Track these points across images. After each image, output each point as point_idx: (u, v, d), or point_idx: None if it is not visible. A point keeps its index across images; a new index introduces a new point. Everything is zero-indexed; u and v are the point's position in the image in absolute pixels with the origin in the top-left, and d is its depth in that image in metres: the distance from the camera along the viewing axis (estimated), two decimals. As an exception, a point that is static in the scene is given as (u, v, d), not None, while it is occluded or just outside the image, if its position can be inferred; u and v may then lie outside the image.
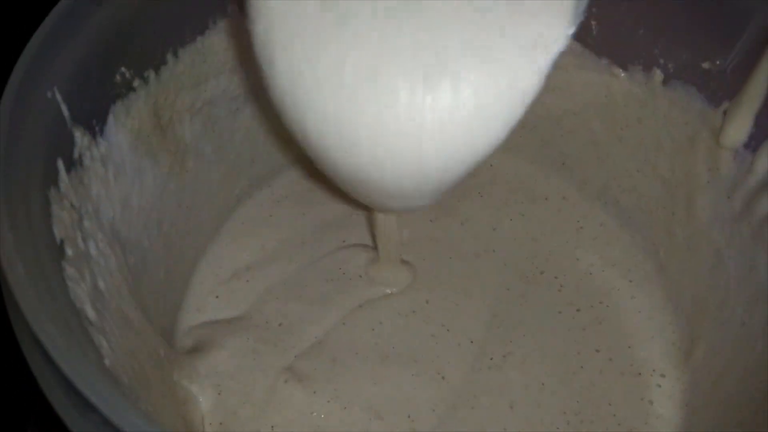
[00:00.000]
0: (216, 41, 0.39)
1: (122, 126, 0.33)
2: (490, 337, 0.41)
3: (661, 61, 0.40)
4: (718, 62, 0.38)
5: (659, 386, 0.40)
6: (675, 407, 0.39)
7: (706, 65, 0.38)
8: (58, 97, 0.28)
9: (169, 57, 0.37)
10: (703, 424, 0.38)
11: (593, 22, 0.42)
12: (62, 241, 0.26)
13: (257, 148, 0.46)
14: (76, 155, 0.29)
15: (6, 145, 0.24)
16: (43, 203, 0.26)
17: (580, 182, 0.49)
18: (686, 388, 0.40)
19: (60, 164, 0.28)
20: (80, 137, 0.30)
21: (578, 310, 0.43)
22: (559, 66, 0.44)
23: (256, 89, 0.43)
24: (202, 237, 0.44)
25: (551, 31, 0.26)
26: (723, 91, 0.38)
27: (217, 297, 0.42)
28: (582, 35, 0.43)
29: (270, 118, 0.45)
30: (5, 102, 0.26)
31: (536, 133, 0.49)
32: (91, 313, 0.25)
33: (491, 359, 0.40)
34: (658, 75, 0.41)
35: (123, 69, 0.33)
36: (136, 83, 0.34)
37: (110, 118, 0.33)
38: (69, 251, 0.26)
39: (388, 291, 0.43)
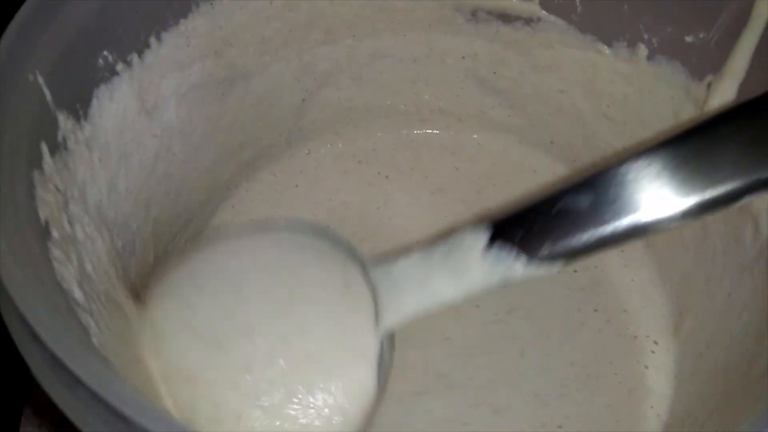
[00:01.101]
0: (200, 24, 0.39)
1: (106, 110, 0.33)
2: (491, 298, 0.41)
3: (646, 36, 0.40)
4: (701, 35, 0.38)
5: (653, 352, 0.41)
6: (666, 377, 0.40)
7: (689, 39, 0.38)
8: (40, 80, 0.28)
9: (153, 40, 0.36)
10: (690, 394, 0.38)
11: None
12: (47, 223, 0.26)
13: (245, 134, 0.46)
14: (60, 138, 0.29)
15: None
16: (28, 186, 0.26)
17: (569, 160, 0.49)
18: (676, 360, 0.40)
19: (44, 147, 0.28)
20: (64, 120, 0.30)
21: (575, 272, 0.43)
22: (544, 44, 0.45)
23: (243, 73, 0.43)
24: (192, 223, 0.44)
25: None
26: (707, 64, 0.38)
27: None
28: (566, 12, 0.43)
29: (258, 103, 0.45)
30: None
31: (523, 112, 0.49)
32: (78, 294, 0.25)
33: (496, 315, 0.41)
34: (642, 50, 0.41)
35: (105, 52, 0.33)
36: (119, 67, 0.34)
37: (94, 102, 0.32)
38: (54, 233, 0.26)
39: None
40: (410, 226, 0.46)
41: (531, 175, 0.49)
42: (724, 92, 0.37)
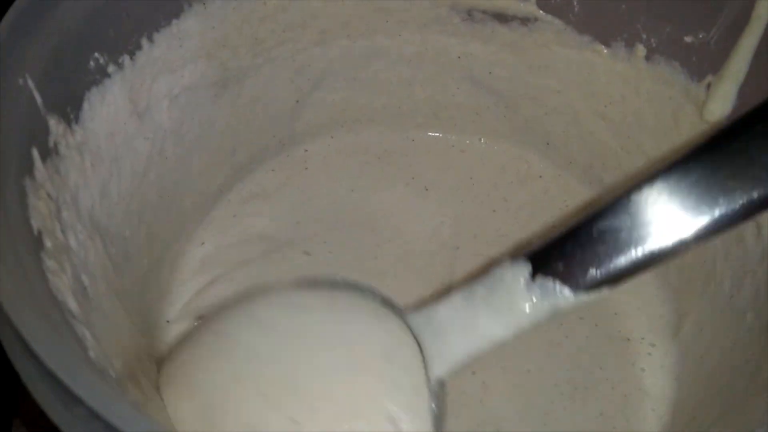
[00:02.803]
0: (192, 25, 0.38)
1: (98, 113, 0.32)
2: None
3: (644, 36, 0.40)
4: (701, 36, 0.38)
5: (650, 354, 0.40)
6: (666, 378, 0.39)
7: (689, 39, 0.38)
8: (31, 84, 0.27)
9: (144, 42, 0.36)
10: (692, 396, 0.38)
11: (575, -1, 0.42)
12: (40, 232, 0.25)
13: (239, 136, 0.45)
14: (51, 143, 0.29)
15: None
16: (19, 193, 0.25)
17: (565, 161, 0.48)
18: (676, 361, 0.40)
19: (35, 153, 0.27)
20: (55, 125, 0.29)
21: None
22: (541, 44, 0.45)
23: (236, 74, 0.42)
24: (186, 227, 0.43)
25: None
26: (706, 64, 0.38)
27: (201, 289, 0.42)
28: (563, 12, 0.42)
29: (251, 105, 0.45)
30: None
31: (519, 113, 0.49)
32: (73, 305, 0.24)
33: None
34: (640, 50, 0.41)
35: (97, 55, 0.32)
36: (110, 69, 0.33)
37: (85, 105, 0.32)
38: (48, 242, 0.25)
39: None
40: (405, 225, 0.46)
41: (526, 175, 0.49)
42: (724, 94, 0.37)
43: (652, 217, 0.27)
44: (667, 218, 0.27)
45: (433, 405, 0.30)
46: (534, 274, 0.29)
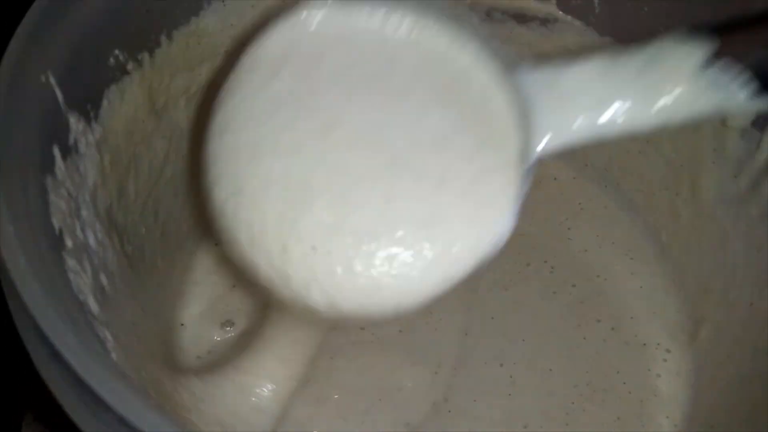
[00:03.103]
0: (211, 23, 0.38)
1: (117, 111, 0.32)
2: (487, 328, 0.41)
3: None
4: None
5: (665, 360, 0.40)
6: (682, 386, 0.39)
7: (712, 43, 0.38)
8: (52, 81, 0.27)
9: (163, 39, 0.35)
10: (708, 405, 0.38)
11: (595, 0, 0.41)
12: (61, 231, 0.25)
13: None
14: (71, 141, 0.28)
15: (1, 131, 0.23)
16: (41, 192, 0.24)
17: (581, 164, 0.48)
18: (692, 368, 0.39)
19: (56, 151, 0.27)
20: (75, 123, 0.29)
21: (574, 286, 0.43)
22: (560, 45, 0.44)
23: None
24: (199, 227, 0.43)
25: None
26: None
27: (217, 297, 0.41)
28: (584, 13, 0.42)
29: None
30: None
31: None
32: (94, 306, 0.24)
33: (486, 344, 0.40)
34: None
35: (117, 51, 0.32)
36: (130, 66, 0.33)
37: (104, 103, 0.31)
38: (68, 242, 0.25)
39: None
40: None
41: (541, 176, 0.48)
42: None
43: None
44: None
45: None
46: (717, 56, 0.22)
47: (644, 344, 0.41)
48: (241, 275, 0.41)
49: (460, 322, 0.40)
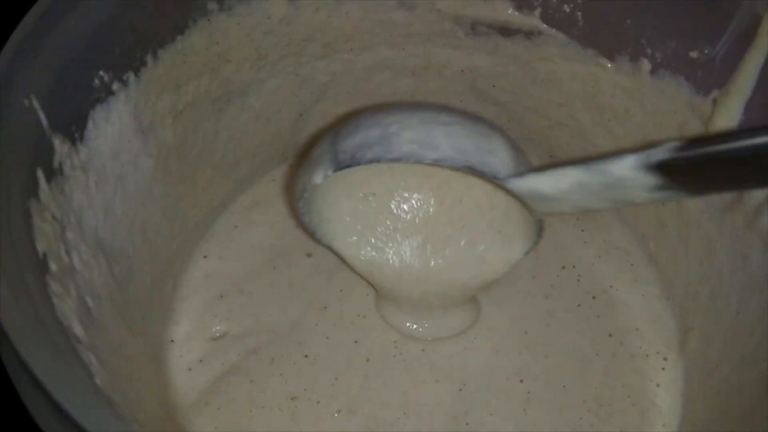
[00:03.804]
0: (197, 41, 0.38)
1: (102, 131, 0.32)
2: (509, 337, 0.42)
3: (649, 50, 0.40)
4: (706, 51, 0.38)
5: (663, 369, 0.41)
6: (676, 393, 0.40)
7: (694, 54, 0.38)
8: (36, 104, 0.27)
9: (149, 58, 0.35)
10: (700, 412, 0.38)
11: (579, 13, 0.42)
12: (45, 255, 0.25)
13: (241, 150, 0.45)
14: (56, 164, 0.28)
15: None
16: (24, 216, 0.25)
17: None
18: (683, 376, 0.40)
19: (40, 174, 0.27)
20: (60, 145, 0.29)
21: (594, 297, 0.43)
22: (545, 57, 0.45)
23: (239, 89, 0.42)
24: (188, 242, 0.43)
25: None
26: (712, 79, 0.38)
27: (206, 308, 0.41)
28: (567, 26, 0.42)
29: (255, 119, 0.45)
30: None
31: (523, 125, 0.49)
32: (78, 329, 0.24)
33: (510, 353, 0.41)
34: (645, 65, 0.40)
35: (101, 72, 0.32)
36: (115, 86, 0.33)
37: (90, 124, 0.31)
38: (53, 265, 0.25)
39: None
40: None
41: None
42: (730, 109, 0.36)
43: None
44: None
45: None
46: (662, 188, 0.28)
47: (647, 355, 0.41)
48: (229, 286, 0.42)
49: (494, 339, 0.41)
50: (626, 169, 0.29)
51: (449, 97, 0.48)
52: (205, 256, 0.44)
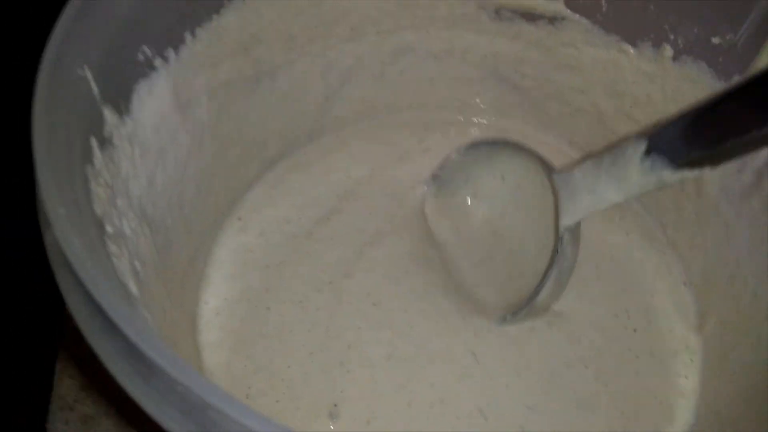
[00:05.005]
0: (231, 21, 0.39)
1: (145, 105, 0.33)
2: (558, 347, 0.41)
3: (671, 36, 0.41)
4: (728, 37, 0.39)
5: (684, 350, 0.41)
6: (694, 373, 0.40)
7: (716, 40, 0.39)
8: (89, 75, 0.28)
9: (187, 36, 0.36)
10: (715, 394, 0.39)
11: (603, -1, 0.43)
12: (102, 218, 0.26)
13: (270, 129, 0.46)
14: (106, 133, 0.29)
15: (46, 122, 0.24)
16: (83, 180, 0.26)
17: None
18: (701, 357, 0.41)
19: (93, 142, 0.28)
20: (109, 115, 0.30)
21: (615, 278, 0.44)
22: (568, 43, 0.46)
23: (269, 70, 0.43)
24: (218, 218, 0.44)
25: None
26: (733, 65, 0.39)
27: (234, 280, 0.43)
28: (591, 11, 0.43)
29: (283, 100, 0.46)
30: (41, 79, 0.25)
31: (543, 112, 0.50)
32: (133, 288, 0.25)
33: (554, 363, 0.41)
34: (668, 51, 0.41)
35: (145, 47, 0.33)
36: (157, 62, 0.34)
37: (135, 97, 0.32)
38: (108, 228, 0.26)
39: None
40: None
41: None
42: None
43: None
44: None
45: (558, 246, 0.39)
46: (648, 151, 0.33)
47: (669, 333, 0.42)
48: (259, 257, 0.43)
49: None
50: (627, 140, 0.34)
51: (471, 82, 0.49)
52: (236, 229, 0.45)
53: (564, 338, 0.41)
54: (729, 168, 0.39)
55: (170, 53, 0.35)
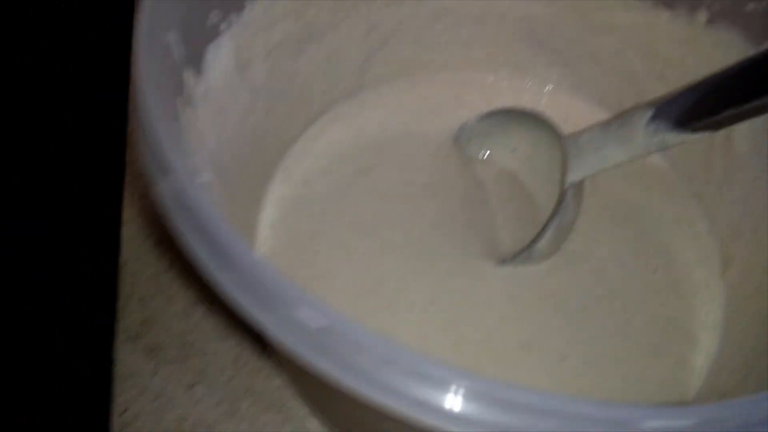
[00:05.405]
0: (285, -17, 0.41)
1: (214, 67, 0.35)
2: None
3: (707, 1, 0.42)
4: (763, 3, 0.40)
5: (704, 294, 0.44)
6: (716, 319, 0.43)
7: (750, 6, 0.41)
8: (173, 39, 0.30)
9: (248, 1, 0.38)
10: (736, 338, 0.41)
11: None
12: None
13: (314, 88, 0.48)
14: (186, 94, 0.32)
15: (149, 86, 0.27)
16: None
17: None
18: (723, 303, 0.43)
19: (179, 104, 0.30)
20: (189, 77, 0.32)
21: (638, 229, 0.46)
22: (603, 7, 0.47)
23: (317, 32, 0.45)
24: (270, 167, 0.47)
25: None
26: (766, 32, 0.40)
27: (282, 228, 0.45)
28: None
29: (326, 61, 0.47)
30: (141, 47, 0.28)
31: (575, 73, 0.51)
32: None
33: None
34: (703, 15, 0.43)
35: (215, 12, 0.35)
36: (223, 26, 0.36)
37: (205, 60, 0.35)
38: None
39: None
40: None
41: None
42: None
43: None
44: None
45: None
46: (654, 117, 0.38)
47: (689, 279, 0.44)
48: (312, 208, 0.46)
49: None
50: (635, 108, 0.39)
51: (508, 43, 0.51)
52: (281, 180, 0.47)
53: (589, 276, 0.44)
54: (757, 126, 0.41)
55: (233, 17, 0.37)
